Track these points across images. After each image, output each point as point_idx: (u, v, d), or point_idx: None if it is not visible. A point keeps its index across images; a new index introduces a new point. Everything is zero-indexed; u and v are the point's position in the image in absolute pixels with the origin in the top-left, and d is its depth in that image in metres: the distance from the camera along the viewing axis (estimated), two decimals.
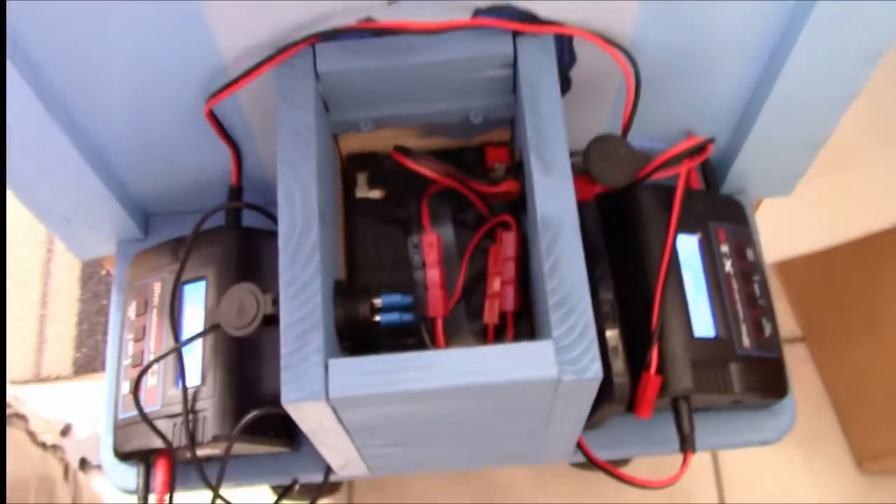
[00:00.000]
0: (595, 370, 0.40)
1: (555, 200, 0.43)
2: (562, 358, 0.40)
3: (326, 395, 0.40)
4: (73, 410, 0.93)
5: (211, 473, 0.51)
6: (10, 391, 0.79)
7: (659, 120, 0.57)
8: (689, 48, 0.51)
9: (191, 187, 0.60)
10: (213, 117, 0.51)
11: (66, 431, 0.93)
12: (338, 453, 0.50)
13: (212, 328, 0.46)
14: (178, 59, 0.48)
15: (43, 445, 0.74)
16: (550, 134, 0.45)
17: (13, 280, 0.99)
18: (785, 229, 0.83)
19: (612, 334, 0.52)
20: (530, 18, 0.47)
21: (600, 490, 0.71)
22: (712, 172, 0.60)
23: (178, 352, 0.51)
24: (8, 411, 0.78)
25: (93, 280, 0.99)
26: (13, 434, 0.73)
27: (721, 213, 0.57)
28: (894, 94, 0.69)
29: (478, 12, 0.46)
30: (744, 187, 0.63)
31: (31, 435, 0.74)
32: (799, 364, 0.93)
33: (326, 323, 0.41)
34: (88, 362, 0.94)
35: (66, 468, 0.80)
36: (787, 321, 0.94)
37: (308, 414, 0.41)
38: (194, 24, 0.45)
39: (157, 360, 0.50)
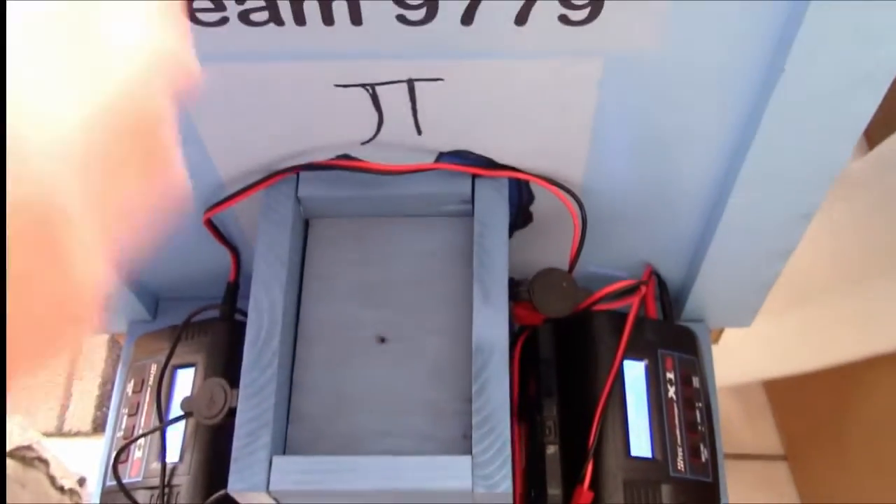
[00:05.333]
0: (506, 486, 0.45)
1: (489, 328, 0.49)
2: (478, 472, 0.45)
3: (267, 487, 0.45)
4: (90, 465, 1.00)
5: None
6: (35, 438, 0.87)
7: (617, 251, 0.62)
8: (637, 194, 0.56)
9: (198, 280, 0.67)
10: (212, 225, 0.58)
11: (81, 483, 0.99)
12: None
13: (186, 415, 0.52)
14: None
15: (61, 489, 0.81)
16: (494, 267, 0.50)
17: None
18: (772, 348, 0.86)
19: (551, 449, 0.57)
20: (488, 163, 0.53)
21: None
22: (669, 302, 0.65)
23: (161, 430, 0.57)
24: (31, 454, 0.85)
25: (118, 345, 1.07)
26: (36, 475, 0.80)
27: (671, 342, 0.61)
28: (856, 234, 0.73)
29: (441, 156, 0.52)
30: (702, 317, 0.67)
31: (52, 479, 0.81)
32: (780, 482, 0.95)
33: (276, 423, 0.47)
34: (107, 422, 1.02)
35: None
36: (771, 438, 0.97)
37: (252, 501, 0.47)
38: (200, 153, 0.52)
39: (137, 438, 0.56)
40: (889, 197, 0.72)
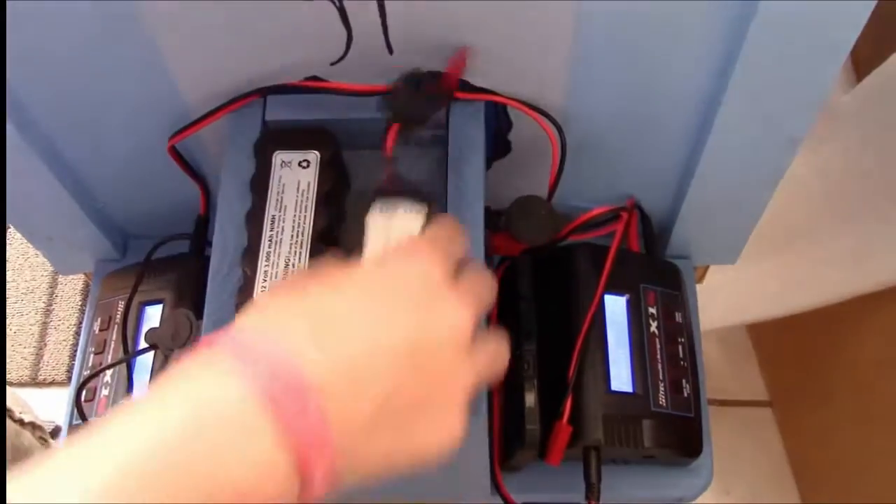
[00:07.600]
0: (480, 413, 0.44)
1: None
2: None
3: None
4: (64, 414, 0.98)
5: None
6: None
7: (599, 183, 0.60)
8: (621, 120, 0.54)
9: (167, 214, 0.65)
10: (177, 154, 0.56)
11: (55, 433, 0.98)
12: None
13: (150, 347, 0.50)
14: (149, 104, 0.53)
15: (21, 422, 0.79)
16: (469, 193, 0.48)
17: (23, 287, 1.05)
18: (757, 290, 0.85)
19: (529, 384, 0.55)
20: (463, 85, 0.51)
21: None
22: (653, 237, 0.63)
23: (128, 366, 0.56)
24: None
25: None
26: None
27: (654, 277, 0.60)
28: (844, 171, 0.71)
29: None
30: (687, 253, 0.66)
31: (9, 411, 0.79)
32: (763, 428, 0.94)
33: None
34: None
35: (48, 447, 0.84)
36: (756, 384, 0.96)
37: None
38: (162, 75, 0.50)
39: (101, 371, 0.55)
40: (878, 130, 0.70)
